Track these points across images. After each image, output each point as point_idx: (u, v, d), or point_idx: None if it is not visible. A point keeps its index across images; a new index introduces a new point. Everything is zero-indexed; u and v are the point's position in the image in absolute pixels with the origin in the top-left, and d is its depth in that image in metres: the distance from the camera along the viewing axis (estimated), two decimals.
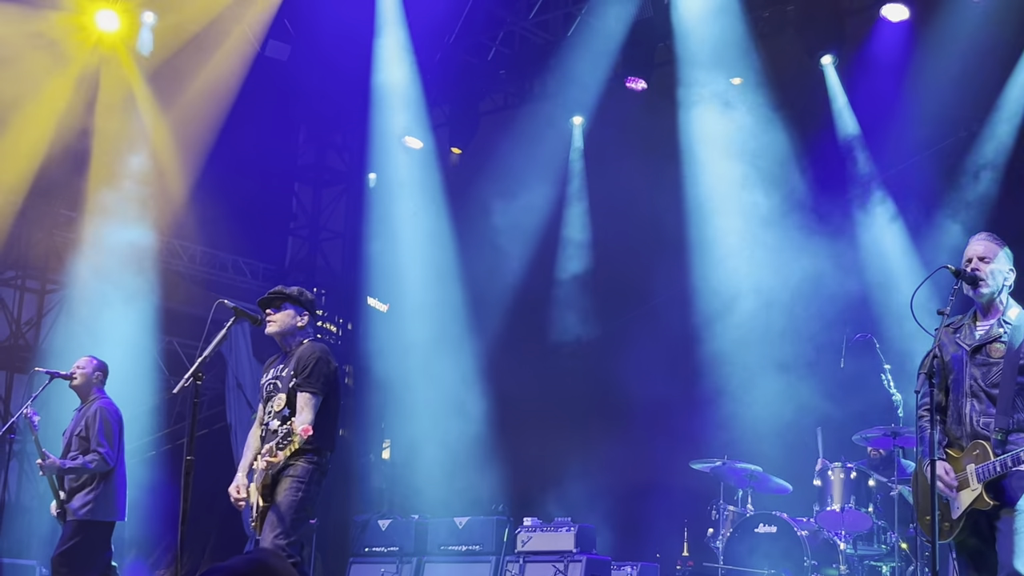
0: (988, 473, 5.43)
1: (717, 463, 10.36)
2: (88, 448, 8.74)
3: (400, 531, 11.26)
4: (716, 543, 10.18)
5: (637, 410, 13.94)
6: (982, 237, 5.85)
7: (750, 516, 10.08)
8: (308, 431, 6.68)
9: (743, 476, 10.41)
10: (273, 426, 6.97)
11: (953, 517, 5.58)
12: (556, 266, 15.11)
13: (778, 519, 9.74)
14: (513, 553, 10.39)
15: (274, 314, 7.22)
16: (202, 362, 6.69)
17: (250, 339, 15.34)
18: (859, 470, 9.82)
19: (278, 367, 7.24)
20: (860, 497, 9.72)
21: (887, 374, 9.97)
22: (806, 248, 12.85)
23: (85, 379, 9.06)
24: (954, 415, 5.68)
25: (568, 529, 10.21)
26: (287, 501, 6.83)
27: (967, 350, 5.68)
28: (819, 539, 9.61)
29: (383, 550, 11.26)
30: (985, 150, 12.22)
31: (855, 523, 9.69)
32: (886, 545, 9.67)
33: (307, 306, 7.31)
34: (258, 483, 6.89)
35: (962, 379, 5.66)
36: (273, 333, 7.26)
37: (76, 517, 8.65)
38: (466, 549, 10.82)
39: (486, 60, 15.30)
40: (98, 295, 13.88)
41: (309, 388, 6.99)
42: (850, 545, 9.63)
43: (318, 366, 7.04)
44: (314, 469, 6.94)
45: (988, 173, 12.16)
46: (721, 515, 10.35)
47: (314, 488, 6.96)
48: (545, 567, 10.08)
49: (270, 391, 7.17)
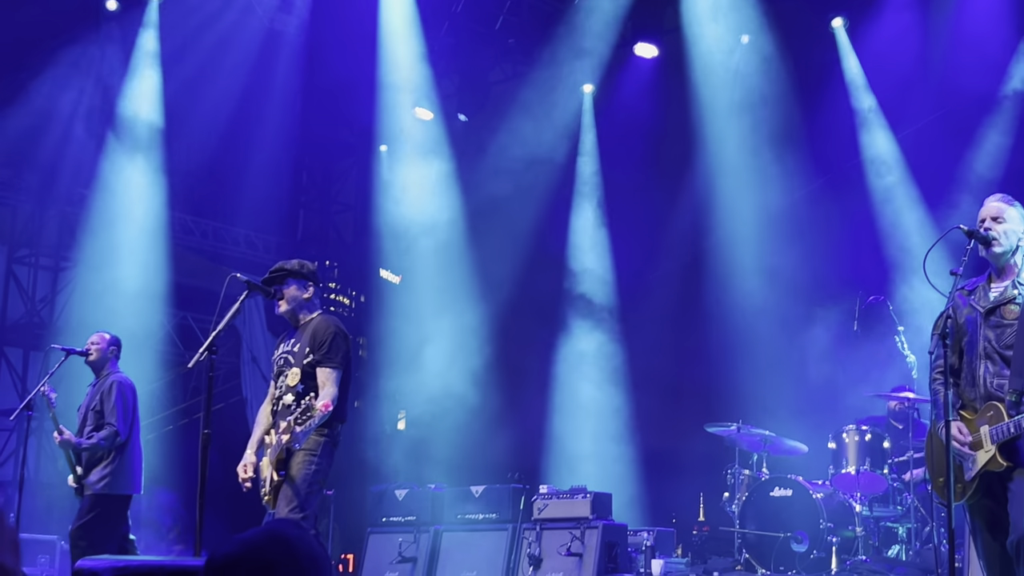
0: (1002, 434, 5.43)
1: (732, 427, 10.37)
2: (102, 423, 8.80)
3: (417, 501, 11.29)
4: (732, 507, 10.21)
5: (651, 375, 13.98)
6: (996, 198, 5.82)
7: (765, 480, 10.10)
8: (329, 407, 6.70)
9: (758, 440, 10.42)
10: (287, 400, 6.98)
11: (967, 479, 5.58)
12: (567, 233, 15.09)
13: (793, 482, 9.76)
14: (530, 521, 10.41)
15: (281, 291, 7.22)
16: (216, 336, 6.70)
17: (264, 313, 15.39)
18: (874, 432, 9.82)
19: (289, 342, 7.25)
20: (875, 459, 9.73)
21: (901, 336, 9.96)
22: (818, 211, 12.84)
23: (100, 354, 9.11)
24: (968, 377, 5.66)
25: (584, 496, 10.22)
26: (301, 475, 6.85)
27: (981, 312, 5.65)
28: (835, 501, 9.63)
29: (400, 520, 11.29)
30: (995, 111, 12.15)
31: (870, 485, 9.70)
32: (902, 506, 9.68)
33: (310, 277, 7.30)
34: (272, 457, 6.91)
35: (976, 341, 5.64)
36: (284, 312, 7.27)
37: (93, 491, 8.71)
38: (483, 517, 10.85)
39: (494, 29, 15.24)
40: (111, 271, 13.93)
41: (330, 363, 7.00)
42: (866, 507, 9.65)
43: (336, 340, 7.05)
44: (326, 442, 6.96)
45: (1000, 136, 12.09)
46: (736, 479, 10.37)
47: (326, 460, 6.98)
48: (562, 534, 10.10)
49: (281, 366, 7.18)
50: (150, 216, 14.21)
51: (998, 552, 5.55)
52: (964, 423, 5.61)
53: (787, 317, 12.73)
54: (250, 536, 2.79)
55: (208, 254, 15.79)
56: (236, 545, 2.77)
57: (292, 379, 7.04)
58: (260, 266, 14.98)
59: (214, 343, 6.69)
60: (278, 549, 2.74)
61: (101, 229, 14.05)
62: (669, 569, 10.07)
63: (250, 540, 2.76)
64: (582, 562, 9.90)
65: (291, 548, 2.74)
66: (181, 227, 15.31)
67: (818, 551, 9.33)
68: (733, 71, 13.81)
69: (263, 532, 2.80)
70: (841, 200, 12.80)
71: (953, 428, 5.54)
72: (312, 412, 6.61)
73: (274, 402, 7.16)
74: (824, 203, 12.91)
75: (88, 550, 8.16)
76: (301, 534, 2.79)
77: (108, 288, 13.86)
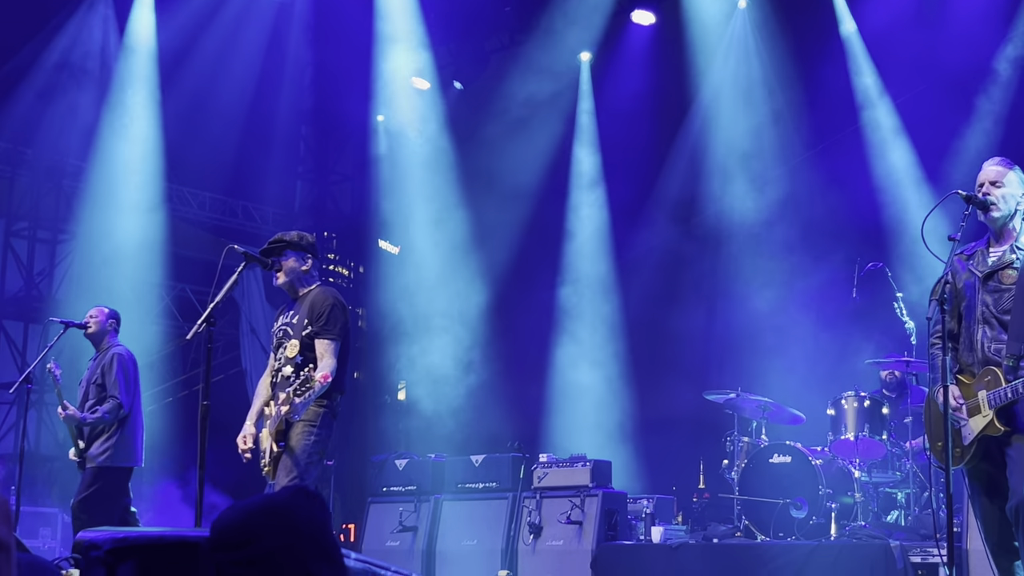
0: (999, 399, 5.43)
1: (731, 395, 10.38)
2: (104, 395, 8.82)
3: (417, 470, 11.33)
4: (731, 474, 10.24)
5: (650, 343, 13.99)
6: (994, 162, 5.80)
7: (764, 447, 10.11)
8: (328, 378, 6.70)
9: (757, 407, 10.44)
10: (286, 372, 6.99)
11: (964, 443, 5.59)
12: (566, 201, 15.07)
13: (792, 449, 9.77)
14: (530, 489, 10.45)
15: (279, 263, 7.21)
16: (214, 308, 6.70)
17: (262, 284, 15.38)
18: (872, 399, 9.83)
19: (288, 313, 7.25)
20: (874, 425, 9.74)
21: (900, 302, 9.96)
22: (817, 176, 12.82)
23: (99, 327, 9.12)
24: (966, 342, 5.66)
25: (584, 464, 10.25)
26: (300, 446, 6.86)
27: (979, 276, 5.64)
28: (834, 468, 9.65)
29: (401, 489, 11.34)
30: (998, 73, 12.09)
31: (869, 451, 9.72)
32: (900, 472, 9.71)
33: (309, 249, 7.29)
34: (272, 429, 6.92)
35: (974, 305, 5.63)
36: (282, 284, 7.27)
37: (95, 464, 8.74)
38: (483, 486, 10.89)
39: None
40: (109, 244, 13.92)
41: (328, 335, 7.00)
42: (865, 473, 9.67)
43: (334, 312, 7.04)
44: (326, 412, 6.97)
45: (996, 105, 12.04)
46: (736, 446, 10.40)
47: (326, 431, 6.99)
48: (562, 502, 10.14)
49: (280, 338, 7.19)
50: (147, 188, 14.19)
51: (997, 516, 5.56)
52: (962, 388, 5.61)
53: (785, 283, 12.72)
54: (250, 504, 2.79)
55: (206, 226, 15.77)
56: (233, 511, 2.77)
57: (291, 351, 7.04)
58: (258, 237, 14.98)
59: (212, 315, 6.68)
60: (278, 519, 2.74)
61: (99, 201, 14.03)
62: (669, 536, 10.10)
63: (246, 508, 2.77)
64: (582, 530, 9.94)
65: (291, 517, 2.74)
66: (178, 199, 15.28)
67: (817, 517, 9.36)
68: (730, 37, 13.79)
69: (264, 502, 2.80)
70: (839, 166, 12.77)
71: (952, 398, 5.56)
72: (311, 383, 6.62)
73: (273, 374, 7.17)
74: (821, 169, 12.88)
75: (89, 523, 8.18)
76: (302, 503, 2.79)
77: (106, 260, 13.86)
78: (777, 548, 8.97)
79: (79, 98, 14.00)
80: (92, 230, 14.15)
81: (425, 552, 10.79)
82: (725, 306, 13.26)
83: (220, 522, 2.77)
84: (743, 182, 13.47)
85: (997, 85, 12.04)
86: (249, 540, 2.71)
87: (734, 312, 13.10)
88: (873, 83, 12.92)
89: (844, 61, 13.11)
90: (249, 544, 2.70)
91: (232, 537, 2.73)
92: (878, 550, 8.24)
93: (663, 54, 14.31)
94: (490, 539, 10.48)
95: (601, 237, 14.77)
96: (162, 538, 4.20)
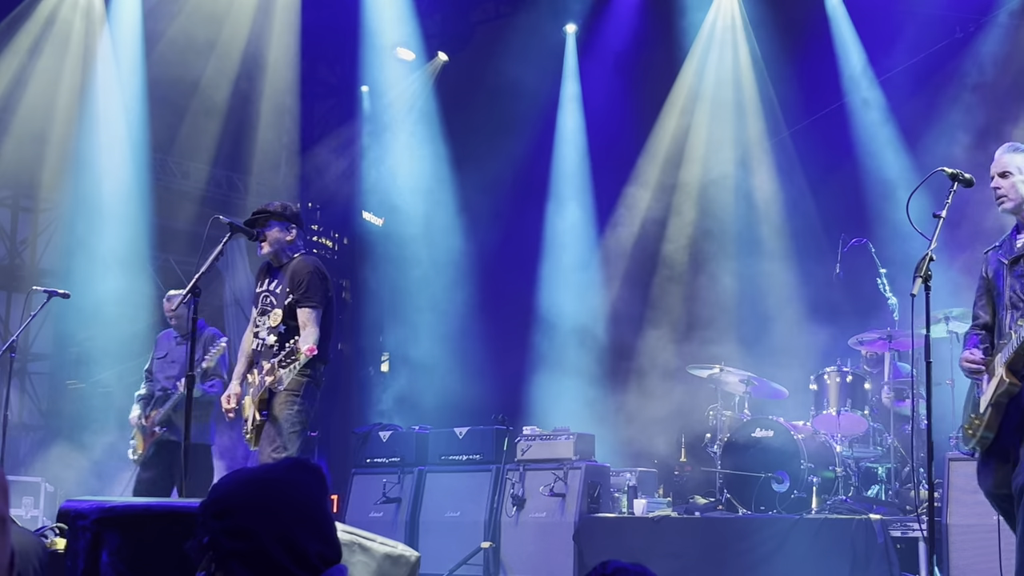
0: (1008, 352, 5.39)
1: (714, 369, 10.42)
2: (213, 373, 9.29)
3: (401, 442, 11.35)
4: (713, 448, 10.27)
5: (631, 316, 14.01)
6: (1004, 149, 5.67)
7: (747, 421, 10.15)
8: (313, 350, 6.70)
9: (740, 381, 10.48)
10: (269, 342, 7.00)
11: (980, 410, 5.54)
12: (550, 173, 15.04)
13: (774, 423, 9.81)
14: (513, 462, 10.48)
15: (263, 233, 7.22)
16: (199, 278, 6.70)
17: (247, 255, 15.34)
18: (855, 374, 9.88)
19: (271, 281, 7.25)
20: (856, 400, 9.79)
21: (883, 278, 9.99)
22: (802, 152, 12.83)
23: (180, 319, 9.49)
24: (998, 329, 5.62)
25: (567, 437, 10.28)
26: (283, 415, 6.88)
27: (1006, 263, 5.60)
28: (815, 442, 9.69)
29: (384, 461, 11.36)
30: (980, 52, 12.09)
31: (851, 426, 9.78)
32: (882, 447, 9.76)
33: (293, 219, 7.30)
34: (255, 397, 6.93)
35: (1002, 292, 5.58)
36: (267, 255, 7.28)
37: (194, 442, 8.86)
38: (467, 459, 10.91)
39: None
40: (93, 213, 13.86)
41: (308, 303, 7.01)
42: (846, 447, 9.73)
43: (312, 279, 7.06)
44: (308, 382, 6.98)
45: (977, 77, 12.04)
46: (718, 420, 10.43)
47: (309, 402, 7.00)
48: (545, 475, 10.17)
49: (264, 305, 7.20)
50: (131, 157, 14.12)
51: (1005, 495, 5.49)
52: (987, 367, 5.56)
53: (769, 258, 12.75)
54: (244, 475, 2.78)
55: (190, 196, 15.71)
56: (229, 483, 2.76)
57: (274, 319, 7.06)
58: (243, 208, 14.92)
59: (197, 285, 6.69)
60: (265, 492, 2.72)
61: (83, 171, 13.96)
62: (651, 508, 10.15)
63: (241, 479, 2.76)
64: (565, 502, 9.98)
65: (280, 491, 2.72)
66: (162, 168, 15.21)
67: (798, 491, 9.41)
68: (718, 8, 13.76)
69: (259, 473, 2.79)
70: (824, 140, 12.78)
71: (965, 352, 5.63)
72: (296, 355, 6.62)
73: (257, 340, 7.18)
74: (807, 143, 12.89)
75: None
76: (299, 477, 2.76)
77: (89, 230, 13.80)
78: (758, 522, 9.03)
79: (63, 65, 13.90)
80: (76, 199, 14.09)
81: (408, 523, 10.82)
82: (709, 280, 13.29)
83: (213, 490, 2.77)
84: (729, 154, 13.48)
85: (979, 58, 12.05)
86: (229, 510, 2.70)
87: (718, 286, 13.12)
88: (860, 57, 12.91)
89: (830, 32, 13.09)
90: (229, 514, 2.69)
91: (216, 506, 2.72)
92: (859, 524, 8.29)
93: (651, 26, 14.27)
94: (473, 511, 10.52)
95: (587, 212, 14.75)
96: (149, 508, 4.21)
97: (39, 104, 13.88)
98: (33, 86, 13.82)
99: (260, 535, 2.64)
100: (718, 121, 13.65)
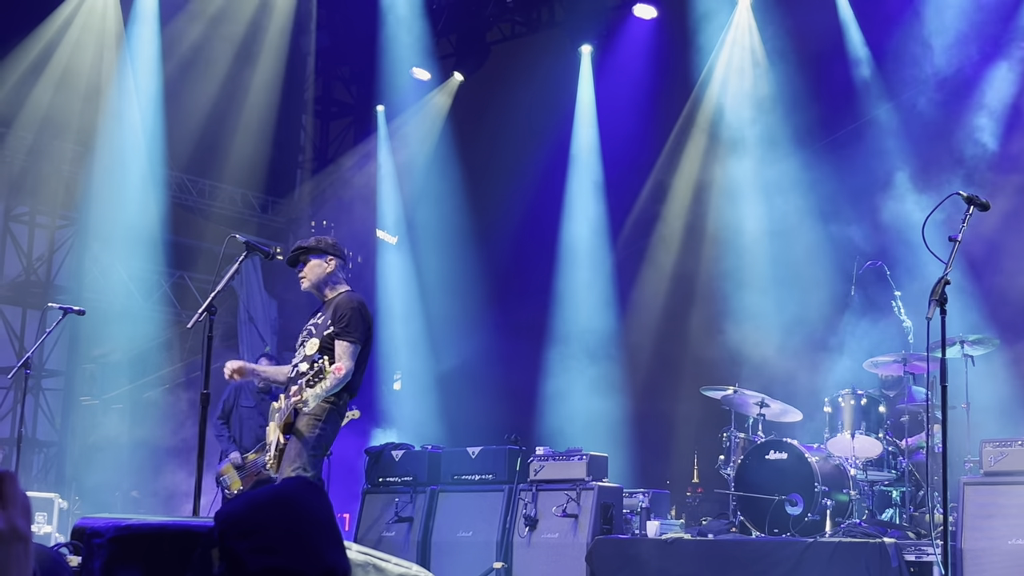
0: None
1: (729, 391, 10.38)
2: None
3: (413, 461, 11.32)
4: (727, 470, 10.24)
5: (647, 337, 14.00)
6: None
7: (761, 443, 10.11)
8: (341, 371, 6.72)
9: (754, 403, 10.44)
10: (302, 368, 7.05)
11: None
12: (563, 194, 15.06)
13: (789, 445, 9.77)
14: (526, 482, 10.45)
15: (301, 270, 7.30)
16: (215, 296, 6.72)
17: (261, 273, 15.39)
18: (869, 396, 9.84)
19: (316, 315, 7.33)
20: (870, 423, 9.75)
21: (898, 301, 9.96)
22: (817, 174, 12.82)
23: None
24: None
25: (580, 458, 10.25)
26: (305, 438, 6.91)
27: None
28: (830, 465, 9.66)
29: (397, 480, 11.33)
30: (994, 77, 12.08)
31: (865, 449, 9.74)
32: (896, 471, 9.72)
33: (329, 251, 7.36)
34: (279, 421, 6.97)
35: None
36: (307, 288, 7.34)
37: None
38: (479, 478, 10.88)
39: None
40: (109, 231, 13.92)
41: (347, 337, 7.05)
42: (860, 471, 9.68)
43: (355, 316, 7.10)
44: (332, 409, 7.01)
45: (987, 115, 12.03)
46: (732, 442, 10.39)
47: (331, 428, 7.03)
48: (558, 495, 10.14)
49: (304, 337, 7.27)
50: (147, 175, 14.19)
51: None
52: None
53: (783, 281, 12.74)
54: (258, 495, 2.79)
55: (205, 213, 15.77)
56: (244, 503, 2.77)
57: (310, 348, 7.12)
58: (257, 226, 14.98)
59: (213, 303, 6.71)
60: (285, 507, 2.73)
61: (98, 187, 14.03)
62: (664, 530, 10.12)
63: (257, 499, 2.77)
64: (578, 523, 9.95)
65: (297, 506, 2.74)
66: (178, 186, 15.28)
67: (812, 514, 9.37)
68: (732, 32, 13.78)
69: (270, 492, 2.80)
70: (839, 163, 12.77)
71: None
72: (324, 374, 6.64)
73: (292, 370, 7.24)
74: (822, 166, 12.88)
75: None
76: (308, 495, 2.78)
77: (105, 247, 13.85)
78: (772, 544, 8.99)
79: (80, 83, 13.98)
80: (91, 216, 14.15)
81: (420, 543, 10.79)
82: (725, 300, 13.27)
83: (228, 512, 2.77)
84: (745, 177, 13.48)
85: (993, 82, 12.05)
86: (257, 529, 2.71)
87: (734, 306, 13.10)
88: (874, 79, 12.91)
89: (845, 55, 13.10)
90: (258, 533, 2.70)
91: (241, 526, 2.73)
92: (873, 548, 8.25)
93: (664, 48, 14.31)
94: (485, 531, 10.49)
95: (600, 231, 14.76)
96: (165, 527, 4.20)
97: (56, 122, 13.96)
98: (51, 105, 13.90)
99: (287, 551, 2.66)
100: (734, 143, 13.64)
